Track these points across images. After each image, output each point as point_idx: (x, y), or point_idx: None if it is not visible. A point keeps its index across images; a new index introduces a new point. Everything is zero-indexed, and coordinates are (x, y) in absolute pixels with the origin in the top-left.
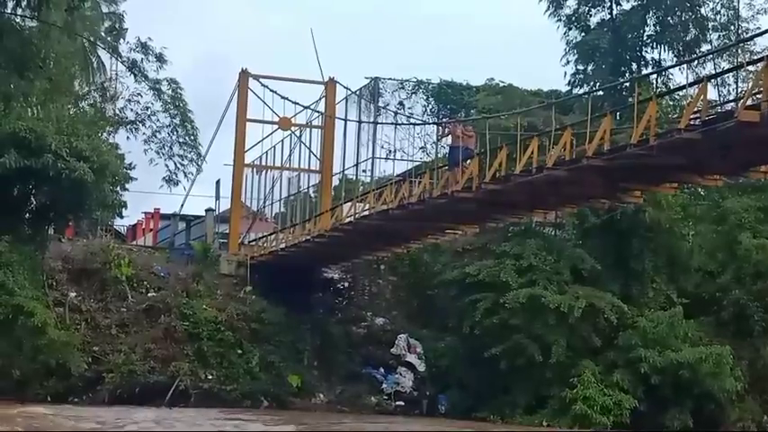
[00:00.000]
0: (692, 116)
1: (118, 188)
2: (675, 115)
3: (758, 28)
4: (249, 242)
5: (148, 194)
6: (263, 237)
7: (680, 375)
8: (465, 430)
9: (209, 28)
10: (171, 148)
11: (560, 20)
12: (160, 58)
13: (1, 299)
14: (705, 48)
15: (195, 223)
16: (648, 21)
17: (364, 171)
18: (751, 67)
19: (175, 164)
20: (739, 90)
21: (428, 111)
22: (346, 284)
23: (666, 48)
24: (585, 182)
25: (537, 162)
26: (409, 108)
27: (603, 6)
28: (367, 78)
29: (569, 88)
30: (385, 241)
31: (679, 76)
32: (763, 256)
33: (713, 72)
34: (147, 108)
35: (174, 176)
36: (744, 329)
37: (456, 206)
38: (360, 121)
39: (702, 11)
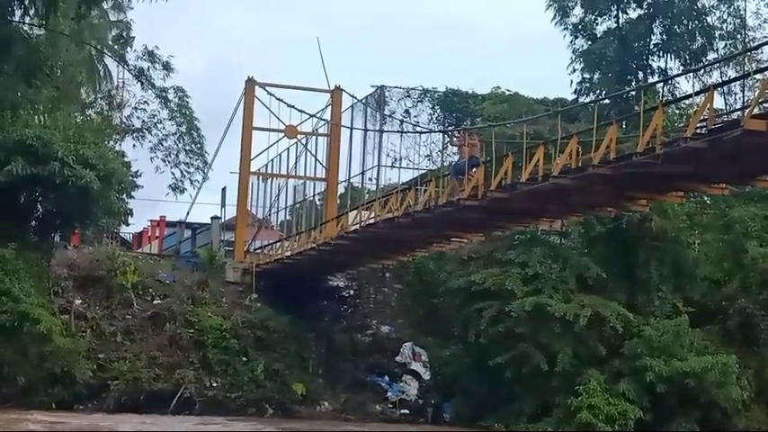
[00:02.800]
0: (698, 125)
1: (124, 196)
2: (682, 124)
3: (765, 37)
4: (255, 250)
5: (154, 202)
6: (268, 244)
7: (686, 384)
8: None
9: (216, 36)
10: (177, 155)
11: (567, 28)
12: (167, 67)
13: (7, 306)
14: (712, 56)
15: (201, 231)
16: (655, 29)
17: (370, 179)
18: (758, 76)
19: (181, 172)
20: (746, 99)
21: (434, 119)
22: (351, 292)
23: (673, 56)
24: (591, 190)
25: (543, 170)
26: (415, 116)
27: (610, 15)
28: (373, 87)
29: (575, 97)
30: (390, 249)
31: (685, 85)
32: None
33: (720, 81)
34: (154, 116)
35: (180, 184)
36: (750, 338)
37: (461, 214)
38: (365, 130)
39: (709, 20)
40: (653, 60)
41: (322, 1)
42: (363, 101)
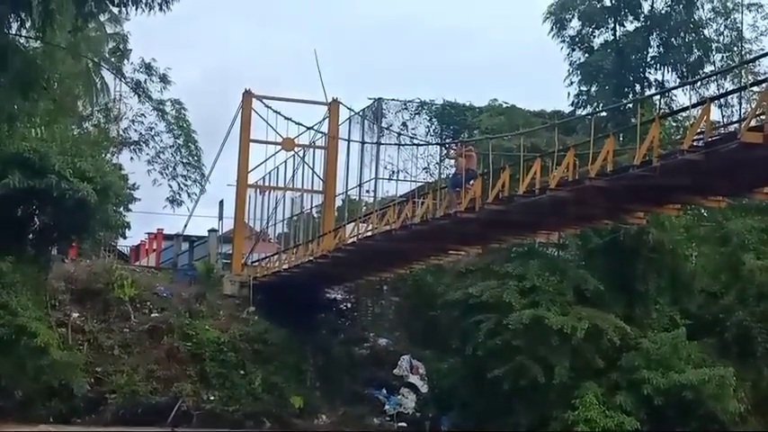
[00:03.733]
0: (695, 137)
1: (121, 209)
2: (678, 136)
3: (762, 49)
4: (252, 263)
5: (152, 215)
6: (266, 257)
7: (683, 397)
8: None
9: (214, 48)
10: (174, 168)
11: (564, 41)
12: (164, 79)
13: (4, 319)
14: (708, 69)
15: (198, 244)
16: (652, 42)
17: (367, 191)
18: (755, 89)
19: (179, 184)
20: (743, 111)
21: (431, 131)
22: (349, 305)
23: (670, 69)
24: (588, 203)
25: (540, 183)
26: (412, 129)
27: (607, 28)
28: (370, 99)
29: (573, 109)
30: (388, 262)
31: (682, 98)
32: (767, 278)
33: (716, 93)
34: (151, 128)
35: (177, 197)
36: (747, 351)
37: (459, 227)
38: (363, 142)
39: (706, 32)
40: (650, 73)
41: (320, 13)
42: (361, 113)
